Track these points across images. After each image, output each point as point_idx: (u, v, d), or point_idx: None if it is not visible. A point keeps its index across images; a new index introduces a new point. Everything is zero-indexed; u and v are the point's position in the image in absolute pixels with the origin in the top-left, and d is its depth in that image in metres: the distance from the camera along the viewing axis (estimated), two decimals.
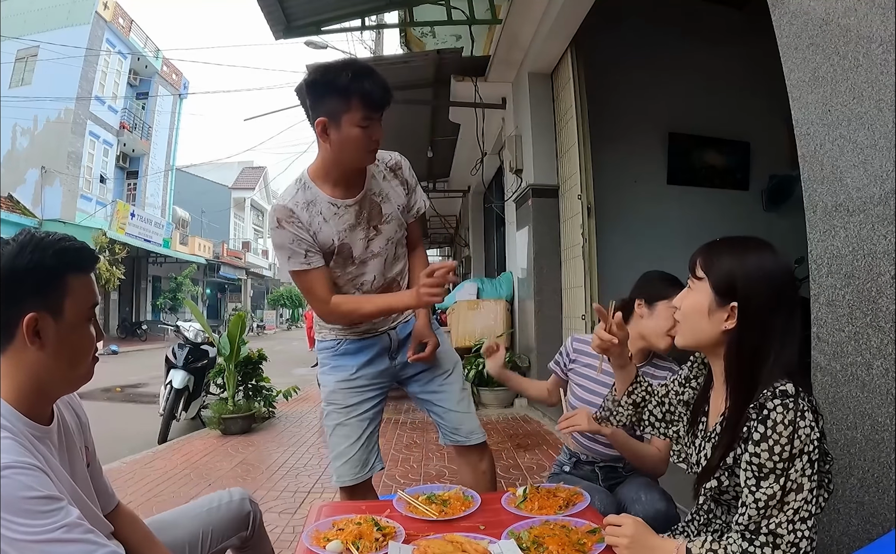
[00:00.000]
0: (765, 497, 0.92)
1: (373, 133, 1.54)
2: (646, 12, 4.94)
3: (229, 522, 1.28)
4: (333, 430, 1.74)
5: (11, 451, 0.85)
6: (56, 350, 0.93)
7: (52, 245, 0.93)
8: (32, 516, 0.81)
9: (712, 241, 1.10)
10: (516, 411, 5.23)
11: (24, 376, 0.92)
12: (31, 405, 0.94)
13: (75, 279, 0.95)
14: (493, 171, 7.47)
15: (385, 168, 1.71)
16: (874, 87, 1.27)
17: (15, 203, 16.87)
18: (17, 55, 18.06)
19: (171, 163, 24.30)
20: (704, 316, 1.05)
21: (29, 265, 0.91)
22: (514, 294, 5.94)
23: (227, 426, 4.67)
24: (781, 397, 0.93)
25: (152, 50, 22.13)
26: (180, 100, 24.60)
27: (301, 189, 1.61)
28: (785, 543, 0.91)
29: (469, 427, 1.78)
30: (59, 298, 0.93)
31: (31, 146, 18.05)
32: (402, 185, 1.73)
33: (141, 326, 20.27)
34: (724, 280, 1.03)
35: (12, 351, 0.92)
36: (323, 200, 1.60)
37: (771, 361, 0.98)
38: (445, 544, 1.06)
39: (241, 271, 31.60)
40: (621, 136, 5.07)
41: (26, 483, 0.83)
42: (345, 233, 1.62)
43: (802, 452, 0.91)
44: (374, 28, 7.94)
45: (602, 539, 1.06)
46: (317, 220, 1.59)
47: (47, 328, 0.92)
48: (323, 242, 1.60)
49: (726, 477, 1.03)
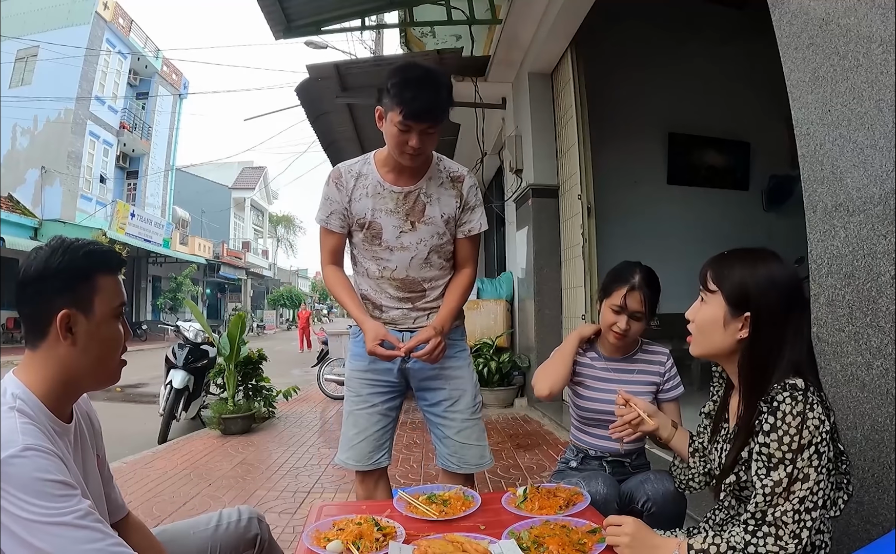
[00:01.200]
0: (771, 484, 0.94)
1: (409, 138, 1.59)
2: (646, 12, 4.94)
3: (236, 541, 1.28)
4: (347, 416, 1.80)
5: (32, 435, 0.89)
6: (86, 346, 0.98)
7: (82, 247, 1.01)
8: (46, 498, 0.84)
9: (721, 254, 1.13)
10: (516, 411, 5.23)
11: (54, 371, 0.97)
12: (56, 400, 0.98)
13: (104, 278, 1.01)
14: (493, 172, 7.47)
15: (447, 176, 1.76)
16: (874, 87, 1.27)
17: (15, 203, 16.87)
18: (17, 55, 18.06)
19: (171, 163, 24.30)
20: (720, 327, 1.08)
21: (61, 266, 0.97)
22: (514, 294, 5.95)
23: (227, 426, 4.67)
24: (791, 390, 0.96)
25: (152, 50, 22.13)
26: (180, 100, 24.60)
27: (361, 162, 1.75)
28: (788, 533, 0.93)
29: (464, 457, 1.75)
30: (89, 296, 0.99)
31: (31, 146, 18.05)
32: (457, 198, 1.75)
33: (141, 326, 20.26)
34: (737, 292, 1.06)
35: (44, 347, 0.97)
36: (374, 178, 1.72)
37: (783, 363, 1.02)
38: (446, 544, 1.06)
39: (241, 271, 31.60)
40: (621, 137, 5.08)
41: (44, 466, 0.86)
42: (380, 213, 1.70)
43: (811, 443, 0.93)
44: (374, 28, 7.94)
45: (602, 539, 1.07)
46: (359, 192, 1.71)
47: (79, 324, 0.97)
48: (357, 212, 1.72)
49: (743, 472, 1.05)
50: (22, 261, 1.02)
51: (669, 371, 1.74)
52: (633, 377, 1.74)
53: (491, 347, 5.50)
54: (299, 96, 6.01)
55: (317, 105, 6.30)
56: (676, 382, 1.74)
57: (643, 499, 1.54)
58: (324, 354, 7.32)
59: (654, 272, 1.70)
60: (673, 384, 1.74)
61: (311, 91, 5.90)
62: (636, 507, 1.55)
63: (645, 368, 1.75)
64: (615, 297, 1.65)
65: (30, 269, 0.98)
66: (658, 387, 1.74)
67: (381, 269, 1.74)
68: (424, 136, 1.60)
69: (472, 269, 1.83)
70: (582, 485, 1.48)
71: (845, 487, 1.04)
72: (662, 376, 1.74)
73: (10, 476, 0.83)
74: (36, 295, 0.97)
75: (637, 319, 1.65)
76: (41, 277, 0.97)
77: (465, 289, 1.80)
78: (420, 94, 1.55)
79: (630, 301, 1.63)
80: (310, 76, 5.58)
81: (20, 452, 0.85)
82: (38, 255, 0.99)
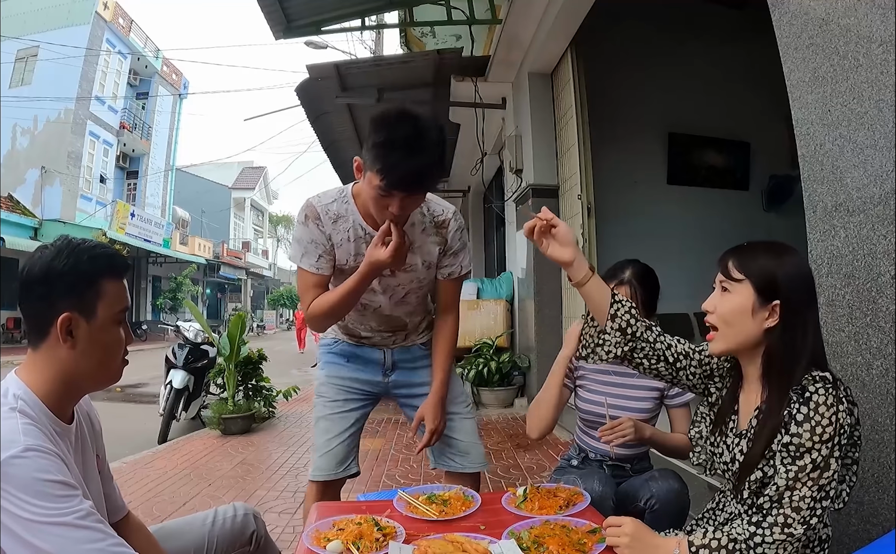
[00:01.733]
0: (795, 469, 0.95)
1: (389, 204, 1.39)
2: (646, 12, 4.93)
3: (233, 537, 1.28)
4: (317, 422, 1.77)
5: (33, 435, 0.89)
6: (86, 349, 0.98)
7: (88, 250, 0.99)
8: (47, 499, 0.85)
9: (741, 245, 1.12)
10: (516, 411, 5.22)
11: (54, 372, 0.97)
12: (57, 401, 0.98)
13: (108, 283, 1.00)
14: (493, 171, 7.47)
15: (430, 220, 1.62)
16: (874, 87, 1.27)
17: (15, 203, 16.87)
18: (17, 55, 18.05)
19: (171, 163, 24.29)
20: (748, 316, 1.07)
21: (65, 268, 0.96)
22: (514, 294, 5.94)
23: (227, 426, 4.67)
24: (823, 382, 0.97)
25: (152, 50, 22.12)
26: (180, 100, 24.59)
27: (339, 200, 1.58)
28: (799, 519, 0.94)
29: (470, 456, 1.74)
30: (92, 301, 0.98)
31: (31, 146, 18.04)
32: (439, 244, 1.64)
33: (141, 326, 20.24)
34: (768, 279, 1.06)
35: (45, 347, 0.97)
36: (355, 221, 1.57)
37: (808, 353, 1.03)
38: (446, 544, 1.06)
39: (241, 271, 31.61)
40: (621, 136, 5.07)
41: (45, 466, 0.86)
42: (361, 257, 1.54)
43: (837, 433, 0.95)
44: (374, 28, 7.94)
45: (602, 539, 1.07)
46: (339, 236, 1.58)
47: (80, 328, 0.97)
48: (339, 258, 1.59)
49: (770, 467, 1.03)
50: (26, 259, 1.01)
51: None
52: (634, 381, 1.72)
53: (491, 347, 5.50)
54: (299, 96, 6.01)
55: (317, 105, 6.30)
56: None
57: (647, 496, 1.54)
58: None
59: (652, 270, 1.68)
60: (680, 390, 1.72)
61: (311, 91, 5.90)
62: (639, 505, 1.55)
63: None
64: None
65: (34, 269, 0.96)
66: (663, 392, 1.71)
67: (361, 307, 1.68)
68: (408, 201, 1.41)
69: (455, 314, 1.73)
70: (579, 482, 1.47)
71: (848, 480, 1.04)
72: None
73: (10, 476, 0.84)
74: (38, 295, 0.96)
75: None
76: (45, 278, 0.96)
77: (452, 343, 1.73)
78: (405, 161, 1.31)
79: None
80: (310, 76, 5.58)
81: (21, 453, 0.85)
82: (42, 255, 0.97)
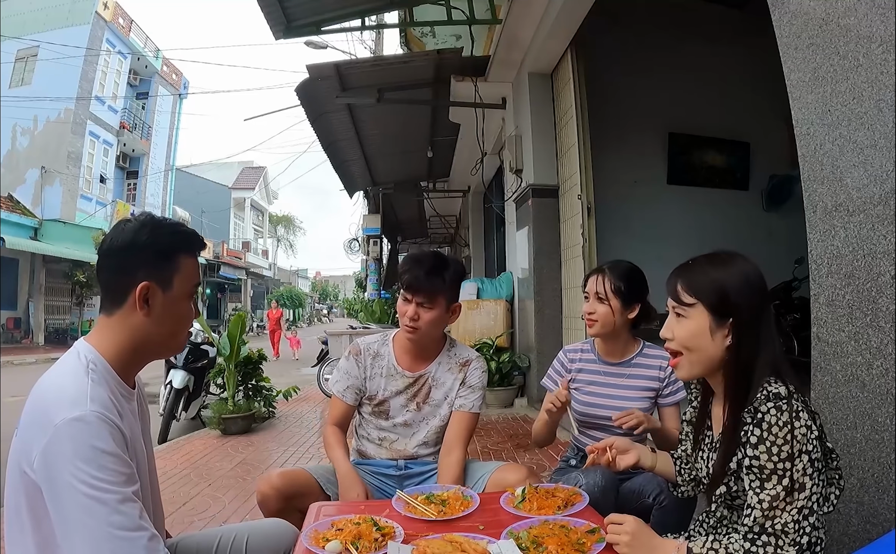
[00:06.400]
0: (769, 498, 0.93)
1: (407, 309, 1.70)
2: (646, 12, 4.94)
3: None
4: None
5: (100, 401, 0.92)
6: (160, 318, 1.04)
7: (169, 227, 1.08)
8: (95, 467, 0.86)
9: (684, 264, 1.11)
10: (516, 411, 5.22)
11: (126, 337, 1.03)
12: (125, 366, 1.04)
13: (185, 259, 1.08)
14: (493, 171, 7.47)
15: (457, 361, 1.82)
16: (874, 87, 1.27)
17: (15, 203, 16.86)
18: (17, 55, 18.04)
19: (171, 163, 24.28)
20: (708, 339, 1.05)
21: (147, 241, 1.03)
22: (514, 294, 5.94)
23: (227, 426, 4.67)
24: (774, 400, 0.95)
25: (152, 50, 22.11)
26: (180, 100, 24.58)
27: (381, 342, 1.85)
28: (788, 542, 0.92)
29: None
30: (169, 273, 1.05)
31: (31, 146, 18.03)
32: (459, 379, 1.80)
33: None
34: (719, 298, 1.04)
35: (120, 315, 1.03)
36: (389, 361, 1.81)
37: (761, 361, 1.01)
38: (445, 544, 1.06)
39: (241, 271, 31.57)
40: (621, 137, 5.08)
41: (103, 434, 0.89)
42: (391, 393, 1.79)
43: (802, 451, 0.92)
44: (374, 28, 7.94)
45: (602, 539, 1.06)
46: (375, 371, 1.81)
47: (156, 297, 1.03)
48: (370, 390, 1.80)
49: (734, 482, 1.04)
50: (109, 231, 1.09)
51: (670, 376, 1.72)
52: (626, 382, 1.73)
53: (491, 347, 5.49)
54: (299, 96, 6.01)
55: (317, 105, 6.30)
56: (677, 386, 1.72)
57: (655, 492, 1.53)
58: (324, 354, 7.32)
59: (635, 267, 1.73)
60: (673, 389, 1.72)
61: (311, 91, 5.91)
62: (646, 501, 1.55)
63: (641, 373, 1.74)
64: (586, 285, 1.76)
65: (117, 240, 1.03)
66: (657, 392, 1.72)
67: (380, 438, 1.82)
68: (421, 310, 1.69)
69: (461, 453, 1.74)
70: (581, 477, 1.47)
71: (836, 483, 1.03)
72: (662, 381, 1.72)
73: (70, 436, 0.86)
74: (120, 264, 1.03)
75: (600, 300, 1.70)
76: (128, 248, 1.02)
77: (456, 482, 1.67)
78: (416, 268, 1.69)
79: (593, 284, 1.72)
80: (310, 76, 5.58)
81: (83, 415, 0.88)
82: (125, 228, 1.04)
